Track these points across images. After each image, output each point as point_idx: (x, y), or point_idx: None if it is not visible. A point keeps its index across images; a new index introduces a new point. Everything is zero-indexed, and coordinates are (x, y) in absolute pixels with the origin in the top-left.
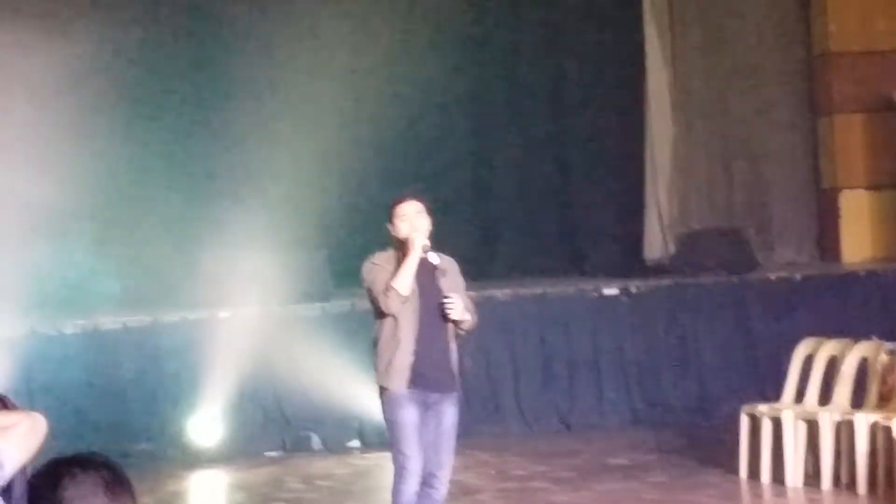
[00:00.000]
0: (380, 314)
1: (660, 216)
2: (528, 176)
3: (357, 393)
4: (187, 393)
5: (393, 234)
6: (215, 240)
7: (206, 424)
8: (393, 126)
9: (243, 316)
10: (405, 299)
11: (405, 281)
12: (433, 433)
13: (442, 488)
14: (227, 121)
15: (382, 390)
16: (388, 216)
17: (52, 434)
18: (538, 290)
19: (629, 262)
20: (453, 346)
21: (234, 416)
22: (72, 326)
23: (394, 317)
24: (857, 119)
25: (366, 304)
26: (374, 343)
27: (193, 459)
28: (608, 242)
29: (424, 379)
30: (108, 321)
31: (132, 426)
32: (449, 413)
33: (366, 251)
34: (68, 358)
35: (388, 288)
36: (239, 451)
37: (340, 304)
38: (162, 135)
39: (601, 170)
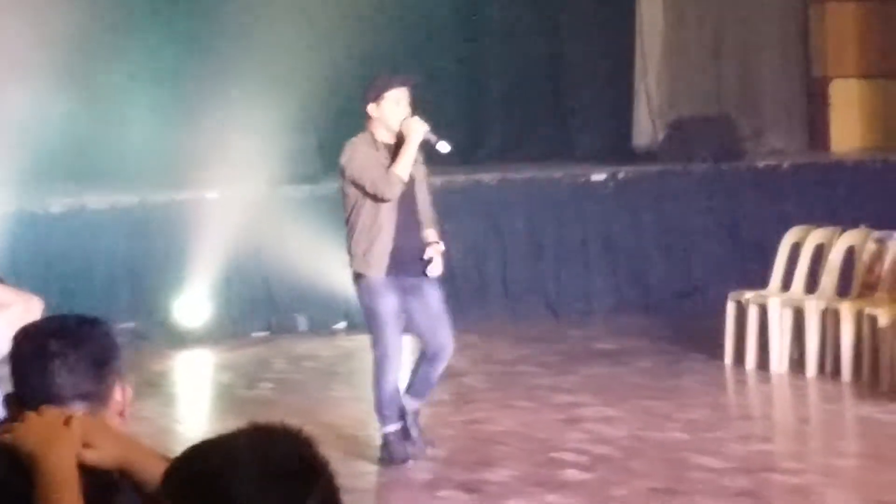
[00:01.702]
0: (359, 201)
1: (649, 103)
2: (518, 61)
3: (343, 275)
4: (174, 273)
5: (374, 115)
6: (205, 121)
7: (192, 305)
8: (384, 8)
9: (231, 197)
10: (405, 186)
11: (406, 167)
12: (424, 317)
13: (444, 363)
14: (220, 4)
15: (359, 276)
16: (372, 96)
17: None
18: (526, 175)
19: (618, 147)
20: (424, 227)
21: (221, 296)
22: (58, 205)
23: (373, 204)
24: (848, 7)
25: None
26: (350, 229)
27: (179, 339)
28: (597, 128)
29: (402, 265)
30: (95, 200)
31: (118, 306)
32: (432, 294)
33: (355, 133)
34: (54, 236)
35: (389, 174)
36: (225, 332)
37: (328, 186)
38: (153, 20)
39: (591, 55)
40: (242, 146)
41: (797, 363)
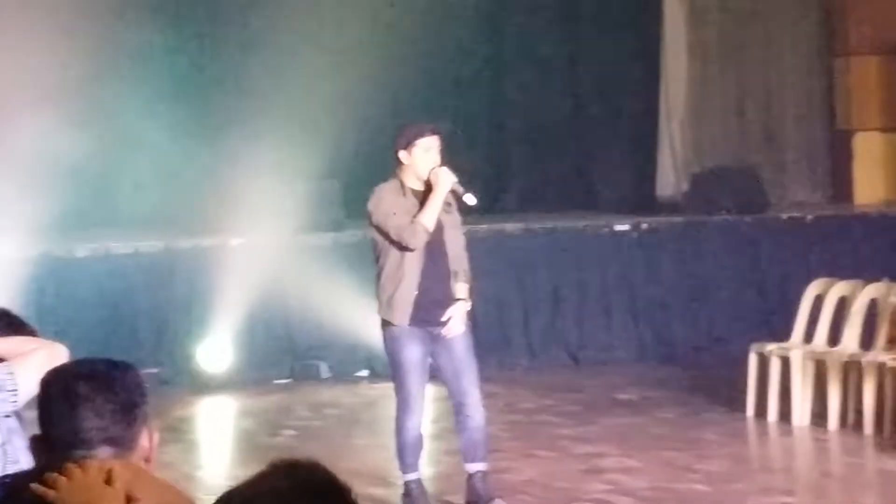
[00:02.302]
0: (386, 249)
1: (673, 154)
2: (542, 110)
3: (366, 322)
4: (197, 319)
5: (404, 162)
6: (229, 168)
7: (215, 351)
8: (407, 58)
9: (255, 244)
10: (429, 235)
11: (432, 217)
12: (449, 364)
13: (476, 415)
14: (244, 49)
15: (385, 324)
16: (403, 143)
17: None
18: (549, 225)
19: (641, 198)
20: (454, 278)
21: (244, 343)
22: (84, 250)
23: (399, 251)
24: (873, 61)
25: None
26: (377, 275)
27: (202, 385)
28: (621, 179)
29: (427, 314)
30: (120, 245)
31: (142, 351)
32: (458, 340)
33: (378, 181)
34: (79, 281)
35: (414, 223)
36: (248, 378)
37: (352, 234)
38: (178, 65)
39: (616, 106)
40: (267, 193)
41: (819, 416)
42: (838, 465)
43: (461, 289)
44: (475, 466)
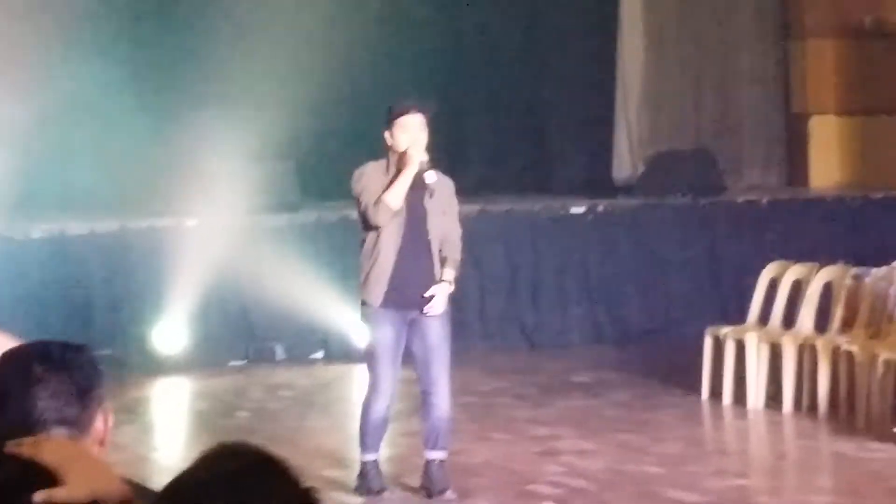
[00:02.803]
0: (366, 226)
1: (629, 136)
2: (498, 93)
3: (322, 304)
4: (152, 300)
5: (389, 143)
6: (184, 148)
7: (170, 332)
8: (363, 38)
9: (210, 225)
10: (395, 214)
11: (398, 195)
12: (421, 350)
13: (441, 404)
14: (199, 31)
15: (362, 303)
16: (387, 124)
17: (17, 338)
18: (505, 207)
19: (597, 181)
20: (438, 264)
21: (199, 324)
22: (38, 231)
23: (377, 230)
24: (828, 44)
25: (332, 216)
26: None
27: (157, 367)
28: (576, 161)
29: (402, 296)
30: (75, 226)
31: (96, 332)
32: (433, 327)
33: (334, 162)
34: (34, 263)
35: (378, 200)
36: (203, 360)
37: (307, 215)
38: (133, 46)
39: (571, 88)
40: (222, 174)
41: (774, 399)
42: (793, 448)
43: (447, 273)
44: (435, 454)
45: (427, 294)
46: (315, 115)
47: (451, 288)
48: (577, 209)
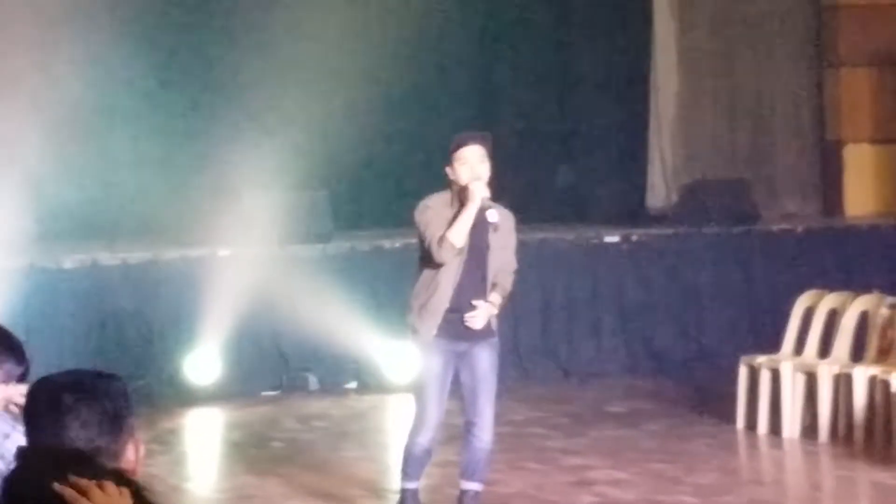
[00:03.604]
0: (427, 259)
1: (663, 165)
2: (532, 121)
3: (355, 334)
4: (185, 331)
5: (451, 178)
6: (216, 179)
7: (203, 363)
8: (397, 69)
9: (243, 255)
10: (459, 252)
11: (461, 234)
12: (469, 381)
13: (484, 436)
14: (233, 61)
15: (413, 331)
16: (448, 159)
17: (48, 370)
18: (539, 236)
19: (631, 210)
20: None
21: (232, 354)
22: (70, 261)
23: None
24: (863, 72)
25: (365, 246)
26: (415, 282)
27: (189, 397)
28: (611, 190)
29: (456, 329)
30: (108, 257)
31: (128, 363)
32: (482, 358)
33: (367, 192)
34: (66, 293)
35: (442, 238)
36: (235, 390)
37: (340, 245)
38: (165, 74)
39: (606, 117)
40: (255, 204)
41: (809, 428)
42: (829, 478)
43: (493, 296)
44: (471, 485)
45: (473, 307)
46: (348, 145)
47: (495, 310)
48: (612, 238)
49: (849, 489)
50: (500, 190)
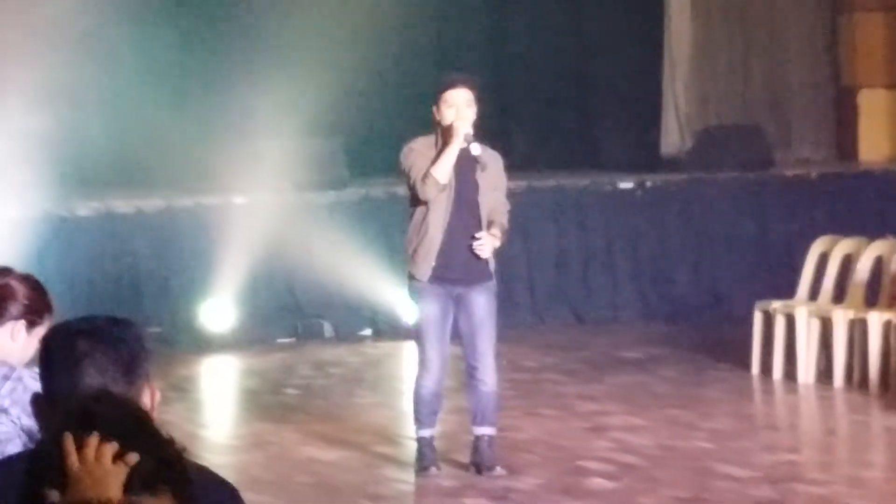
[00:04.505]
0: (415, 200)
1: (677, 111)
2: (546, 69)
3: (370, 281)
4: (200, 278)
5: (437, 118)
6: (231, 126)
7: (218, 310)
8: (411, 16)
9: (258, 202)
10: (443, 188)
11: (444, 169)
12: (467, 326)
13: (487, 379)
14: (248, 9)
15: (410, 277)
16: (435, 100)
17: (64, 317)
18: (553, 183)
19: (645, 156)
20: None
21: (247, 302)
22: (85, 209)
23: (426, 204)
24: (877, 17)
25: (379, 193)
26: (407, 229)
27: (205, 345)
28: (624, 136)
29: (451, 271)
30: (122, 204)
31: (144, 310)
32: (479, 302)
33: (382, 139)
34: (81, 240)
35: (426, 175)
36: (251, 338)
37: (355, 192)
38: (179, 21)
39: (619, 64)
40: (269, 151)
41: (824, 373)
42: (843, 423)
43: (494, 230)
44: (483, 430)
45: (477, 235)
46: (363, 92)
47: (497, 242)
48: (626, 184)
49: (863, 434)
50: (513, 136)
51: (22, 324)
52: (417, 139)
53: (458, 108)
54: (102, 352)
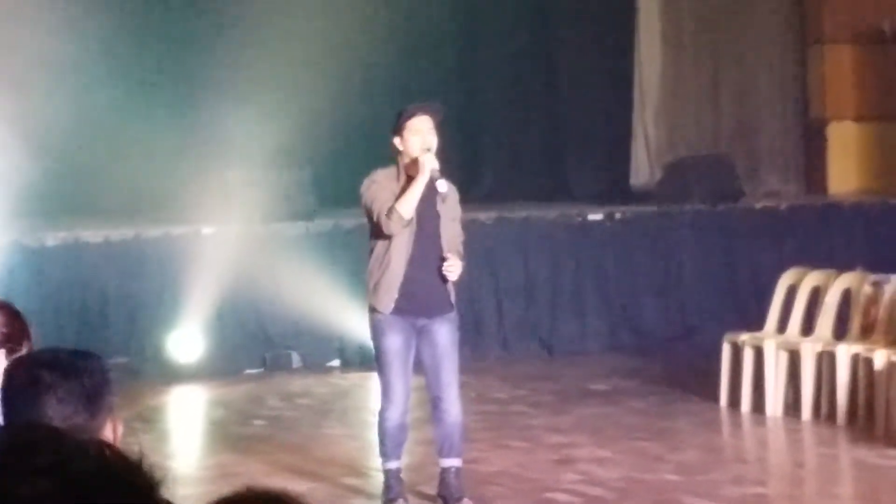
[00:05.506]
0: (377, 233)
1: (647, 143)
2: (516, 99)
3: (338, 312)
4: (168, 308)
5: (399, 148)
6: (200, 157)
7: (186, 340)
8: (380, 47)
9: (227, 233)
10: (408, 223)
11: (409, 205)
12: (430, 357)
13: (452, 409)
14: (214, 38)
15: (371, 310)
16: (396, 128)
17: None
18: (522, 214)
19: (615, 187)
20: None
21: (215, 332)
22: (53, 238)
23: (388, 237)
24: (846, 49)
25: (348, 224)
26: (369, 260)
27: (173, 375)
28: (594, 168)
29: (412, 303)
30: (90, 234)
31: (111, 340)
32: (441, 333)
33: (350, 170)
34: (49, 270)
35: (391, 210)
36: (219, 368)
37: (323, 223)
38: (149, 52)
39: (589, 95)
40: (238, 181)
41: (792, 406)
42: (811, 456)
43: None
44: (449, 462)
45: (445, 256)
46: (331, 123)
47: (461, 263)
48: (595, 216)
49: (831, 466)
50: (483, 167)
51: (2, 353)
52: (378, 171)
53: (423, 135)
54: (65, 384)
